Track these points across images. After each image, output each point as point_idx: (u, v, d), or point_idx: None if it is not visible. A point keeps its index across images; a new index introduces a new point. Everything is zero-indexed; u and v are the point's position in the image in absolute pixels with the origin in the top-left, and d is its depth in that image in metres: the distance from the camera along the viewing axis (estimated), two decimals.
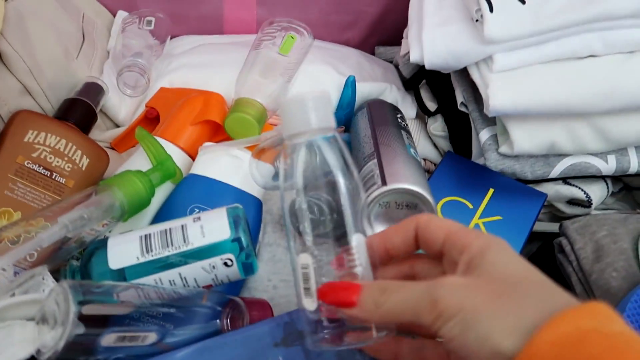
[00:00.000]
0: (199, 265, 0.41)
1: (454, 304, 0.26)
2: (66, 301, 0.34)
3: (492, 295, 0.26)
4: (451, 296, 0.27)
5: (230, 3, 0.70)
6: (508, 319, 0.25)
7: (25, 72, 0.50)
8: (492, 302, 0.26)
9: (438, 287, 0.28)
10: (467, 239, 0.30)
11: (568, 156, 0.52)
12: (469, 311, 0.26)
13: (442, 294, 0.27)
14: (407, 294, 0.29)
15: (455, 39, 0.51)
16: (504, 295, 0.26)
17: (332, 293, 0.31)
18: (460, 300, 0.26)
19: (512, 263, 0.28)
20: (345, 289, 0.31)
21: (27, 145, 0.47)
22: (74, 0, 0.63)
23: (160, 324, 0.39)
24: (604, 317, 0.25)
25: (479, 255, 0.29)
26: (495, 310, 0.26)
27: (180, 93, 0.57)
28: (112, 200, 0.44)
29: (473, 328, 0.26)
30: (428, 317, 0.27)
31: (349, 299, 0.30)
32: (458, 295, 0.27)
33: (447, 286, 0.27)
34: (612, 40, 0.48)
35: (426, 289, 0.28)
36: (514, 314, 0.25)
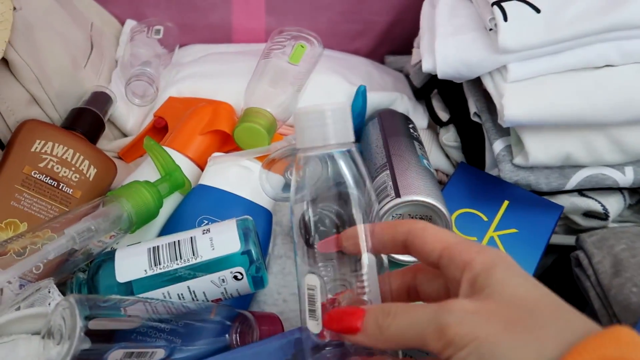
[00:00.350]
0: (208, 278, 0.40)
1: (466, 332, 0.25)
2: (72, 316, 0.33)
3: (507, 323, 0.25)
4: (461, 324, 0.25)
5: (239, 12, 0.70)
6: (528, 351, 0.24)
7: (33, 82, 0.50)
8: (508, 331, 0.25)
9: (446, 313, 0.26)
10: (467, 255, 0.28)
11: (584, 167, 0.51)
12: (484, 341, 0.24)
13: (451, 322, 0.26)
14: (413, 319, 0.28)
15: (468, 48, 0.50)
16: (519, 323, 0.25)
17: (336, 321, 0.30)
18: (473, 329, 0.25)
19: (522, 284, 0.27)
20: (350, 315, 0.30)
21: (34, 155, 0.46)
22: (82, 10, 0.62)
23: (169, 339, 0.38)
24: (629, 344, 0.23)
25: (485, 274, 0.27)
26: (513, 341, 0.24)
27: (189, 102, 0.56)
28: (120, 212, 0.43)
29: (492, 358, 0.24)
30: (436, 344, 0.26)
31: (353, 325, 0.30)
32: (469, 324, 0.25)
33: (456, 312, 0.26)
34: (629, 50, 0.47)
35: (433, 314, 0.27)
36: (534, 345, 0.24)
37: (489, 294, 0.26)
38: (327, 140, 0.31)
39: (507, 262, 0.28)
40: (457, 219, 0.49)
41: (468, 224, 0.49)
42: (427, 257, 0.30)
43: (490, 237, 0.48)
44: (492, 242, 0.47)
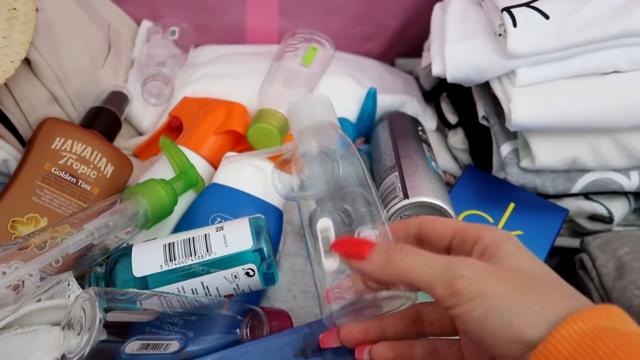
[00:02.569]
0: (221, 274, 0.41)
1: (475, 287, 0.27)
2: (93, 308, 0.34)
3: (514, 285, 0.27)
4: (473, 278, 0.27)
5: (253, 14, 0.71)
6: (532, 310, 0.26)
7: (54, 81, 0.51)
8: (516, 292, 0.26)
9: (460, 265, 0.28)
10: (479, 232, 0.30)
11: (590, 172, 0.52)
12: (492, 297, 0.26)
13: (464, 274, 0.27)
14: (425, 261, 0.29)
15: (478, 53, 0.51)
16: (525, 287, 0.27)
17: (345, 246, 0.32)
18: (482, 285, 0.27)
19: (528, 259, 0.29)
20: (359, 243, 0.31)
21: (54, 153, 0.48)
22: (100, 10, 0.64)
23: (182, 332, 0.39)
24: (618, 318, 0.26)
25: (495, 246, 0.29)
26: (519, 300, 0.26)
27: (203, 103, 0.58)
28: (137, 208, 0.44)
29: (496, 314, 0.26)
30: (442, 292, 0.28)
31: (360, 252, 0.31)
32: (480, 280, 0.27)
33: (469, 267, 0.28)
34: (637, 57, 0.48)
35: (447, 263, 0.28)
36: (538, 306, 0.26)
37: (498, 262, 0.28)
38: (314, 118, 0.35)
39: (515, 240, 0.30)
40: (463, 220, 0.50)
41: None
42: (439, 243, 0.32)
43: None
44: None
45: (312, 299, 0.49)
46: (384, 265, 0.30)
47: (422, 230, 0.33)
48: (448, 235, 0.32)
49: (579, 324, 0.25)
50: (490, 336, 0.26)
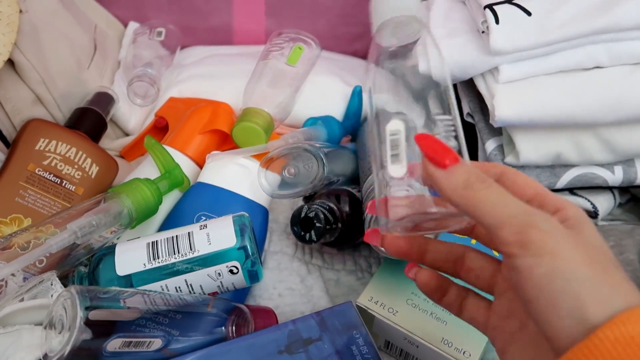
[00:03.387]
0: (205, 272, 0.41)
1: (549, 244, 0.25)
2: (73, 306, 0.34)
3: (591, 258, 0.25)
4: (549, 234, 0.25)
5: (240, 15, 0.71)
6: (603, 289, 0.24)
7: (38, 82, 0.51)
8: (591, 265, 0.25)
9: (539, 216, 0.26)
10: (559, 203, 0.29)
11: (574, 167, 0.52)
12: (564, 260, 0.25)
13: (541, 226, 0.26)
14: (504, 201, 0.27)
15: (461, 50, 0.51)
16: (601, 264, 0.25)
17: (430, 143, 0.29)
18: (558, 244, 0.25)
19: (602, 243, 0.27)
20: (444, 149, 0.29)
21: (38, 153, 0.48)
22: (86, 12, 0.64)
23: (166, 330, 0.39)
24: None
25: (576, 220, 0.27)
26: (593, 275, 0.25)
27: (190, 103, 0.58)
28: (121, 208, 0.44)
29: (563, 279, 0.24)
30: (510, 236, 0.26)
31: (443, 158, 0.28)
32: (557, 238, 0.25)
33: (548, 221, 0.26)
34: (618, 52, 0.48)
35: (526, 209, 0.26)
36: (609, 288, 0.24)
37: (578, 232, 0.27)
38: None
39: (592, 224, 0.28)
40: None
41: None
42: None
43: None
44: None
45: (297, 296, 0.49)
46: (461, 185, 0.28)
47: (502, 181, 0.31)
48: (528, 196, 0.30)
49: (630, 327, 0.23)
50: (547, 300, 0.25)
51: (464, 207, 0.28)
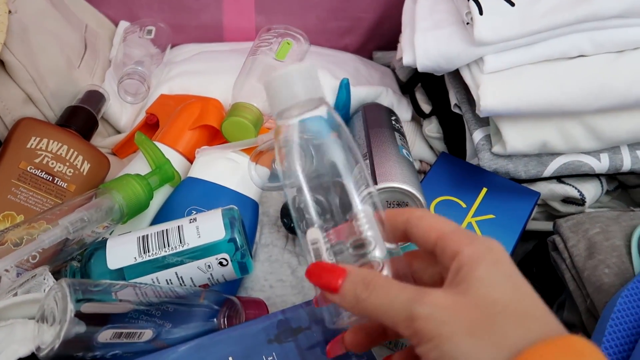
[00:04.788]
0: (195, 265, 0.42)
1: (431, 328, 0.26)
2: (64, 299, 0.35)
3: (470, 325, 0.26)
4: (429, 319, 0.27)
5: (230, 12, 0.72)
6: (485, 355, 0.25)
7: (29, 82, 0.52)
8: (470, 334, 0.26)
9: (418, 304, 0.27)
10: (458, 246, 0.29)
11: (561, 155, 0.53)
12: (447, 340, 0.26)
13: (421, 314, 0.27)
14: (388, 299, 0.28)
15: (446, 41, 0.52)
16: (482, 326, 0.26)
17: (317, 275, 0.31)
18: (438, 326, 0.26)
19: (499, 284, 0.27)
20: (330, 271, 0.30)
21: (29, 152, 0.49)
22: (77, 12, 0.64)
23: (158, 322, 0.40)
24: (574, 354, 0.25)
25: (468, 267, 0.28)
26: (472, 344, 0.26)
27: (180, 99, 0.58)
28: (112, 203, 0.45)
29: (449, 357, 0.26)
30: (404, 331, 0.27)
31: (332, 284, 0.30)
32: (436, 319, 0.26)
33: (427, 305, 0.27)
34: (601, 40, 0.49)
35: (406, 302, 0.28)
36: (491, 350, 0.25)
37: (464, 290, 0.27)
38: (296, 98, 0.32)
39: (494, 258, 0.28)
40: (436, 206, 0.51)
41: (447, 210, 0.50)
42: (424, 246, 0.31)
43: (468, 222, 0.50)
44: (470, 228, 0.49)
45: (288, 287, 0.50)
46: (353, 302, 0.29)
47: (409, 228, 0.32)
48: (432, 241, 0.30)
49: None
50: None
51: (367, 318, 0.31)
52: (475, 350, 0.25)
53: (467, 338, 0.26)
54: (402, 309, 0.28)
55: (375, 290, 0.29)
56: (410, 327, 0.27)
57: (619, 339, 0.41)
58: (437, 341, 0.26)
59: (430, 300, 0.27)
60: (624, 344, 0.41)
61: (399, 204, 0.44)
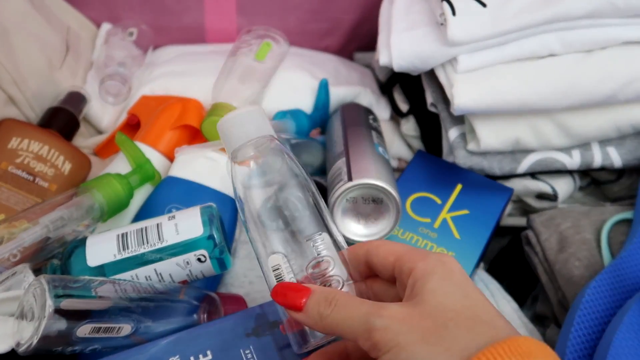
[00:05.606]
0: (173, 261, 0.43)
1: (389, 339, 0.28)
2: (43, 295, 0.36)
3: (424, 333, 0.27)
4: (386, 330, 0.28)
5: (211, 13, 0.73)
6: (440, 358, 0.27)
7: (10, 82, 0.53)
8: (424, 342, 0.27)
9: (376, 317, 0.29)
10: (413, 262, 0.31)
11: (534, 152, 0.54)
12: (403, 349, 0.27)
13: (378, 326, 0.28)
14: (348, 314, 0.30)
15: (421, 42, 0.53)
16: (435, 334, 0.27)
17: (282, 295, 0.32)
18: (395, 336, 0.28)
19: (451, 294, 0.29)
20: (295, 291, 0.32)
21: (10, 152, 0.49)
22: (58, 14, 0.65)
23: (138, 318, 0.40)
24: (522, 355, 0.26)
25: (421, 281, 0.30)
26: (426, 351, 0.27)
27: (161, 100, 0.59)
28: (92, 202, 0.46)
29: None
30: (364, 343, 0.29)
31: (296, 303, 0.32)
32: (393, 330, 0.28)
33: (384, 318, 0.28)
34: (570, 40, 0.50)
35: (365, 315, 0.29)
36: (444, 355, 0.27)
37: (418, 302, 0.29)
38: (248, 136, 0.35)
39: (446, 270, 0.30)
40: (412, 202, 0.52)
41: (423, 206, 0.51)
42: (385, 271, 0.33)
43: (443, 218, 0.51)
44: (445, 223, 0.50)
45: None
46: (317, 319, 0.31)
47: (369, 258, 0.34)
48: (390, 264, 0.33)
49: None
50: None
51: (334, 335, 0.32)
52: (429, 356, 0.27)
53: (422, 345, 0.27)
54: (361, 323, 0.29)
55: (336, 306, 0.30)
56: (369, 339, 0.28)
57: (587, 328, 0.42)
58: (394, 351, 0.27)
59: (386, 313, 0.29)
60: (592, 333, 0.42)
61: (374, 199, 0.46)
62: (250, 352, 0.39)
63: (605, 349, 0.39)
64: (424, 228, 0.50)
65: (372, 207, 0.46)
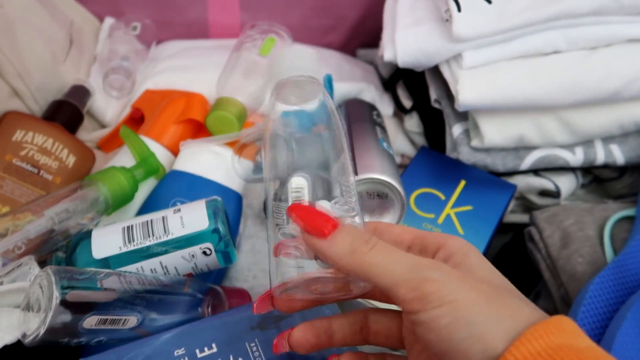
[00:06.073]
0: (179, 254, 0.43)
1: (446, 292, 0.25)
2: (49, 285, 0.35)
3: (486, 295, 0.25)
4: (443, 283, 0.25)
5: (215, 9, 0.73)
6: (505, 323, 0.25)
7: (14, 75, 0.52)
8: (488, 302, 0.25)
9: (431, 267, 0.26)
10: (441, 239, 0.29)
11: (537, 149, 0.54)
12: (463, 306, 0.25)
13: (434, 277, 0.26)
14: (393, 258, 0.27)
15: (426, 38, 0.53)
16: (496, 298, 0.26)
17: (305, 213, 0.28)
18: (454, 291, 0.25)
19: (492, 270, 0.28)
20: (322, 217, 0.28)
21: (15, 144, 0.49)
22: (62, 8, 0.65)
23: (143, 310, 0.40)
24: (570, 332, 0.25)
25: (460, 254, 0.28)
26: (492, 312, 0.25)
27: (165, 94, 0.59)
28: (97, 195, 0.46)
29: (466, 325, 0.25)
30: (407, 293, 0.26)
31: (322, 227, 0.28)
32: (452, 285, 0.25)
33: (441, 270, 0.26)
34: (574, 37, 0.51)
35: (416, 264, 0.26)
36: (510, 319, 0.25)
37: (465, 270, 0.27)
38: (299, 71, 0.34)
39: (477, 251, 0.29)
40: (416, 198, 0.52)
41: (426, 202, 0.52)
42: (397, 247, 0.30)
43: (447, 214, 0.51)
44: (449, 219, 0.50)
45: None
46: (346, 252, 0.27)
47: (378, 235, 0.31)
48: (407, 241, 0.30)
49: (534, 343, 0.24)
50: (457, 348, 0.25)
51: (355, 274, 0.28)
52: (494, 317, 0.25)
53: (486, 306, 0.25)
54: (410, 270, 0.26)
55: (377, 246, 0.27)
56: (418, 289, 0.25)
57: (590, 324, 0.42)
58: (451, 306, 0.25)
59: (444, 267, 0.26)
60: (595, 329, 0.42)
61: (379, 194, 0.46)
62: (256, 345, 0.39)
63: (609, 344, 0.39)
64: (427, 223, 0.50)
65: (377, 202, 0.46)
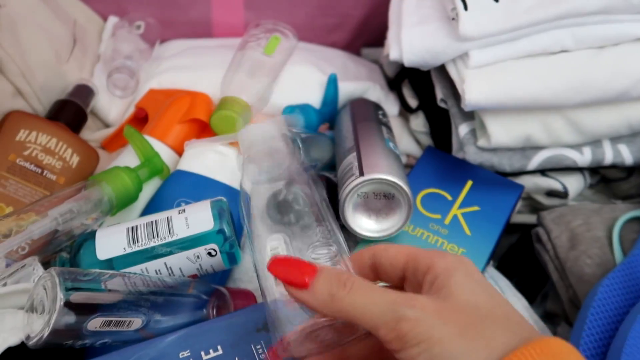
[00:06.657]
0: (183, 255, 0.42)
1: (421, 330, 0.26)
2: (54, 287, 0.35)
3: (461, 327, 0.26)
4: (419, 321, 0.26)
5: (218, 8, 0.72)
6: (479, 354, 0.25)
7: (17, 75, 0.52)
8: (462, 336, 0.26)
9: (406, 306, 0.26)
10: (431, 260, 0.29)
11: (544, 149, 0.54)
12: (437, 343, 0.25)
13: (410, 316, 0.26)
14: (370, 300, 0.27)
15: (432, 36, 0.53)
16: (473, 328, 0.26)
17: (284, 266, 0.29)
18: (428, 328, 0.26)
19: (477, 291, 0.28)
20: (300, 266, 0.29)
21: (18, 144, 0.49)
22: (65, 7, 0.64)
23: (147, 312, 0.40)
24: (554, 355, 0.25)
25: (445, 275, 0.28)
26: (466, 346, 0.25)
27: (169, 94, 0.59)
28: (101, 195, 0.45)
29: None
30: (387, 334, 0.26)
31: (300, 279, 0.28)
32: (427, 323, 0.26)
33: (415, 307, 0.26)
34: (582, 36, 0.50)
35: (391, 303, 0.27)
36: (485, 352, 0.25)
37: (446, 296, 0.27)
38: None
39: (467, 268, 0.29)
40: (423, 198, 0.51)
41: (433, 203, 0.51)
42: (394, 272, 0.31)
43: (453, 214, 0.50)
44: (456, 219, 0.50)
45: None
46: (326, 299, 0.28)
47: (377, 260, 0.32)
48: (401, 263, 0.31)
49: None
50: None
51: (339, 318, 0.28)
52: (468, 351, 0.25)
53: (459, 340, 0.25)
54: (387, 310, 0.27)
55: (354, 288, 0.28)
56: (395, 329, 0.26)
57: (600, 326, 0.42)
58: (426, 344, 0.25)
59: (418, 303, 0.27)
60: (605, 332, 0.42)
61: (385, 195, 0.45)
62: (262, 347, 0.38)
63: (620, 347, 0.38)
64: (434, 224, 0.50)
65: (383, 202, 0.45)
